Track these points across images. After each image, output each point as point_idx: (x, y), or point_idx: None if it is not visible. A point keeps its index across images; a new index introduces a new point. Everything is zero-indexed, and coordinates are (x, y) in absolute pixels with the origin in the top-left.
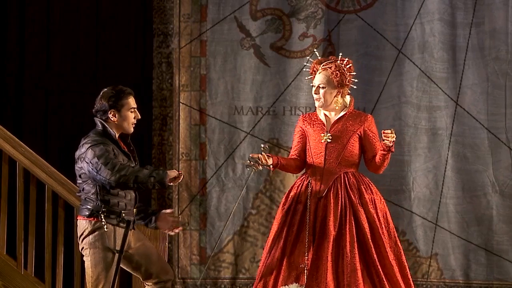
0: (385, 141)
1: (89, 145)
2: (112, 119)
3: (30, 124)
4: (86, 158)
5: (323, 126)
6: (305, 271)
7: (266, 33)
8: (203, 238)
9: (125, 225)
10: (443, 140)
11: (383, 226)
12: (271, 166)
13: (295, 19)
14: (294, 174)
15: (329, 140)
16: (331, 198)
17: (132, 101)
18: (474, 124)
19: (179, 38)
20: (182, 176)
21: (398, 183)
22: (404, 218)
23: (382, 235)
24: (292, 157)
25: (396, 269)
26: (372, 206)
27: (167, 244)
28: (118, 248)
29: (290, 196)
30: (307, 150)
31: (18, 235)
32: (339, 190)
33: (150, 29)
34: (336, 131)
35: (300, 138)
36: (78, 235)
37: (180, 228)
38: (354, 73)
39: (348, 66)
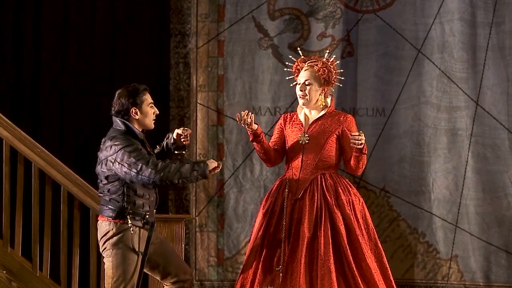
0: (353, 144)
1: (120, 146)
2: (134, 117)
3: (46, 125)
4: (118, 159)
5: (301, 127)
6: (280, 274)
7: (284, 33)
8: (221, 240)
9: (149, 226)
10: (463, 141)
11: (363, 227)
12: (251, 129)
13: (314, 19)
14: (270, 167)
15: (306, 141)
16: (307, 200)
17: (149, 97)
18: (494, 125)
19: (196, 38)
20: (221, 166)
21: (417, 184)
22: (424, 220)
23: (359, 237)
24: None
25: (374, 271)
26: (349, 207)
27: (183, 245)
28: (142, 250)
29: (269, 198)
30: (286, 151)
31: (34, 236)
32: (315, 192)
33: (167, 29)
34: (314, 132)
35: (279, 133)
36: (99, 236)
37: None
38: (341, 71)
39: (334, 65)
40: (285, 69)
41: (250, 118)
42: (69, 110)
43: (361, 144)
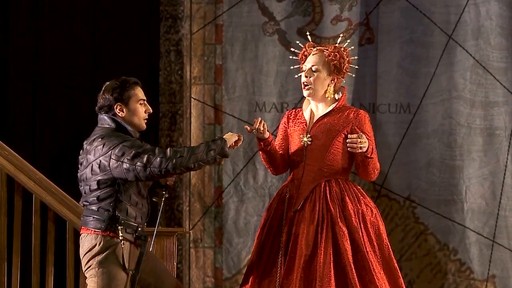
0: (350, 149)
1: (116, 141)
2: (119, 114)
3: (16, 123)
4: (114, 156)
5: (305, 126)
6: None
7: (292, 16)
8: (219, 257)
9: (141, 241)
10: (501, 142)
11: (375, 243)
12: (262, 138)
13: (327, 0)
14: (275, 175)
15: (309, 143)
16: (307, 211)
17: (140, 92)
18: None
19: (190, 22)
20: (242, 139)
21: (448, 192)
22: (455, 234)
23: (368, 254)
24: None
25: None
26: (357, 219)
27: (175, 263)
28: (132, 268)
29: (269, 208)
30: (289, 154)
31: (1, 253)
32: (317, 201)
33: (156, 12)
34: (318, 131)
35: (283, 134)
36: (83, 252)
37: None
38: (355, 58)
39: (347, 51)
40: (290, 57)
41: (263, 126)
42: (44, 106)
43: (361, 148)
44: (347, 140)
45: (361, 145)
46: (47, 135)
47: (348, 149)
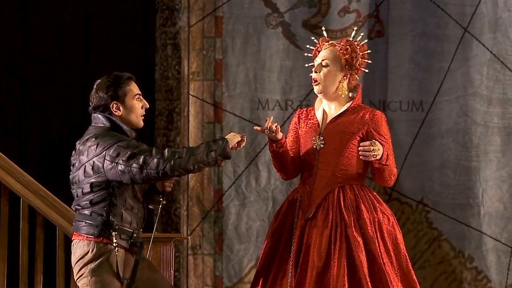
0: (362, 157)
1: (111, 141)
2: (116, 113)
3: (2, 122)
4: (108, 157)
5: (317, 127)
6: None
7: (297, 8)
8: (219, 265)
9: (137, 248)
10: None
11: (392, 254)
12: (275, 138)
13: None
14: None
15: (321, 145)
16: (319, 220)
17: (134, 87)
18: None
19: (188, 14)
20: (245, 139)
21: (463, 195)
22: (471, 240)
23: (385, 266)
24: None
25: None
26: (373, 228)
27: (172, 272)
28: (127, 277)
29: (279, 215)
30: (299, 158)
31: None
32: (330, 209)
33: (152, 3)
34: (332, 133)
35: (294, 135)
36: (74, 260)
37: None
38: (368, 51)
39: (361, 44)
40: (306, 54)
41: (275, 126)
42: (32, 104)
43: (375, 156)
44: (359, 148)
45: (374, 153)
46: (36, 134)
47: (361, 157)
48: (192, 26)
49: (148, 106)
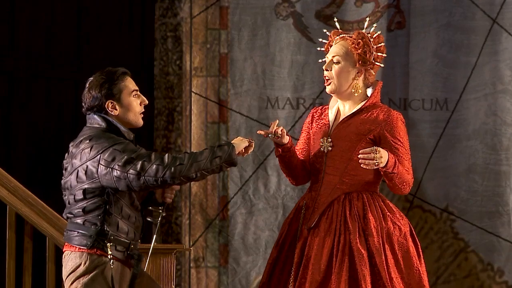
0: (363, 165)
1: (106, 144)
2: (112, 113)
3: None
4: (102, 162)
5: (328, 127)
6: None
7: None
8: (224, 279)
9: (134, 260)
10: None
11: (402, 268)
12: (281, 143)
13: None
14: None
15: (329, 148)
16: (322, 230)
17: (130, 83)
18: None
19: (190, 4)
20: (253, 145)
21: (492, 202)
22: (501, 252)
23: (390, 282)
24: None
25: None
26: (380, 239)
27: (174, 286)
28: None
29: (285, 223)
30: (309, 161)
31: None
32: (334, 218)
33: None
34: (341, 135)
35: (307, 137)
36: (66, 273)
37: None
38: (382, 44)
39: (375, 36)
40: (318, 48)
41: (281, 130)
42: (20, 102)
43: (376, 164)
44: (359, 156)
45: (376, 161)
46: (24, 135)
47: (362, 166)
48: (195, 17)
49: (147, 102)
